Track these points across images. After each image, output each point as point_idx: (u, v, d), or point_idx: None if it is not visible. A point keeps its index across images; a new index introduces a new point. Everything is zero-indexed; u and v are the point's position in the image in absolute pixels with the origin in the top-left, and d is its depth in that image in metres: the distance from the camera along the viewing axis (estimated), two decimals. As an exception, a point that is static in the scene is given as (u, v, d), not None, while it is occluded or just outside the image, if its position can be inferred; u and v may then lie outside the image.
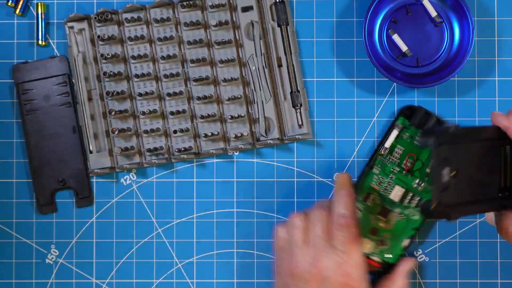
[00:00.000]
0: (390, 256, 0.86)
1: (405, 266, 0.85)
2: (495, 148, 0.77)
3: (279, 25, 0.87)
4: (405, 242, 0.86)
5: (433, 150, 0.73)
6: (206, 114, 0.87)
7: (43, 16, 0.88)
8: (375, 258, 0.86)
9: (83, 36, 0.87)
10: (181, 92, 0.87)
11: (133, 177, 0.89)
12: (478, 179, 0.76)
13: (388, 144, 0.86)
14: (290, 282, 0.79)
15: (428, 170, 0.85)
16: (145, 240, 0.89)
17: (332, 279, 0.77)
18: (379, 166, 0.86)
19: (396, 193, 0.86)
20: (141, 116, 0.87)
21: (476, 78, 0.88)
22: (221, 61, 0.86)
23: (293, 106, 0.87)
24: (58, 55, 0.89)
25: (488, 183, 0.77)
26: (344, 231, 0.78)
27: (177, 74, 0.87)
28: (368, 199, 0.86)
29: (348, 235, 0.78)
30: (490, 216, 0.86)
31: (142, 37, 0.87)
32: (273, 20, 0.87)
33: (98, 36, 0.86)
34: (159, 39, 0.87)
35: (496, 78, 0.88)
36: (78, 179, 0.88)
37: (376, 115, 0.88)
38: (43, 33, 0.88)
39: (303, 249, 0.79)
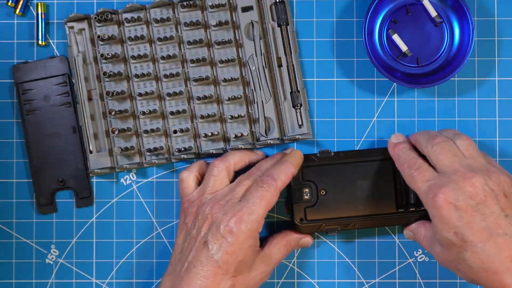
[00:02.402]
0: None
1: (303, 238, 0.86)
2: (388, 167, 0.85)
3: (279, 25, 0.87)
4: None
5: None
6: (206, 114, 0.87)
7: (43, 16, 0.88)
8: None
9: (83, 36, 0.87)
10: (181, 92, 0.87)
11: (133, 177, 0.89)
12: (360, 196, 0.85)
13: None
14: (189, 219, 0.82)
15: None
16: (145, 240, 0.89)
17: (222, 225, 0.78)
18: None
19: None
20: (141, 116, 0.87)
21: (476, 78, 0.88)
22: (221, 61, 0.86)
23: (293, 106, 0.87)
24: (58, 55, 0.89)
25: (384, 200, 0.85)
26: (264, 187, 0.80)
27: (177, 74, 0.87)
28: None
29: (262, 193, 0.79)
30: (408, 234, 0.87)
31: (142, 37, 0.87)
32: (273, 20, 0.87)
33: (98, 36, 0.86)
34: (159, 39, 0.87)
35: (496, 78, 0.88)
36: (78, 179, 0.88)
37: (376, 115, 0.88)
38: (43, 33, 0.88)
39: (216, 194, 0.82)
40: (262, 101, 0.87)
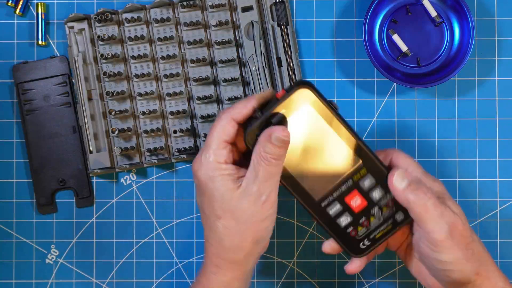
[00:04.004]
0: None
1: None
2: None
3: (279, 25, 0.87)
4: None
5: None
6: (206, 114, 0.87)
7: (43, 16, 0.88)
8: None
9: (83, 36, 0.87)
10: (181, 92, 0.87)
11: (133, 177, 0.89)
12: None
13: None
14: None
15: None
16: (145, 240, 0.89)
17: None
18: None
19: None
20: (141, 116, 0.87)
21: (476, 78, 0.88)
22: (221, 61, 0.86)
23: (293, 106, 0.87)
24: (58, 55, 0.89)
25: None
26: (217, 118, 0.74)
27: (177, 74, 0.87)
28: None
29: (214, 123, 0.74)
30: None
31: (142, 37, 0.87)
32: (273, 20, 0.87)
33: (98, 36, 0.86)
34: (159, 39, 0.87)
35: (496, 78, 0.88)
36: (78, 179, 0.88)
37: (376, 115, 0.88)
38: (43, 33, 0.88)
39: None
40: (262, 101, 0.87)
